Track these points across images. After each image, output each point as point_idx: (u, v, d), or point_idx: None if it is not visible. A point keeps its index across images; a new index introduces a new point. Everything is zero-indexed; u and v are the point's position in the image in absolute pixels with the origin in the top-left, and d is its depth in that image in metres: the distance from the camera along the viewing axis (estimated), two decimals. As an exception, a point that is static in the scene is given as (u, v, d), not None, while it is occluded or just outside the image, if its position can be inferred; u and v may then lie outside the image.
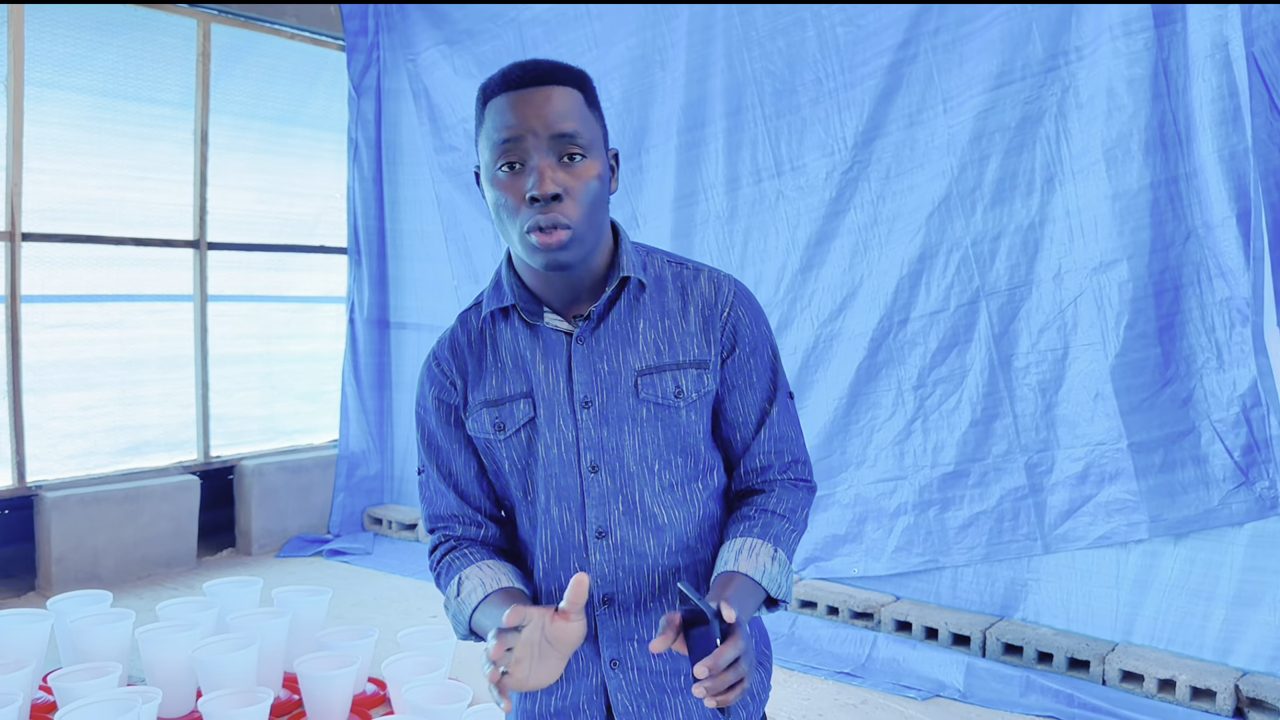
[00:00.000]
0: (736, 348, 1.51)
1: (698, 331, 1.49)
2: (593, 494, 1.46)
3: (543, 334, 1.49)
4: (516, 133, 1.36)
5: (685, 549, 1.49)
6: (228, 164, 6.05)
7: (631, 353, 1.47)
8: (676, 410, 1.47)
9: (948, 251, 4.33)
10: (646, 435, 1.46)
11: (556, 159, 1.37)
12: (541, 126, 1.36)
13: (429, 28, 6.00)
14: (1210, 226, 3.73)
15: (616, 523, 1.46)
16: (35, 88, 5.17)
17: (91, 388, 5.63)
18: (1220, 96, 3.63)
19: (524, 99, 1.38)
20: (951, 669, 4.11)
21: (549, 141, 1.36)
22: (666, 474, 1.47)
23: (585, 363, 1.47)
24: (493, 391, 1.51)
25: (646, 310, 1.49)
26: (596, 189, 1.40)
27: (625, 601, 1.47)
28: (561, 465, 1.47)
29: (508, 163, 1.38)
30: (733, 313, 1.51)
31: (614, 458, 1.46)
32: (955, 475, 4.39)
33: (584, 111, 1.41)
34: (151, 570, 5.53)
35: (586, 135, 1.40)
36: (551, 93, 1.39)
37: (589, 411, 1.46)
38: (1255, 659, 3.78)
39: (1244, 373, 3.71)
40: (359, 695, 3.79)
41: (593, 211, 1.40)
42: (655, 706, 1.49)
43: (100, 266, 5.57)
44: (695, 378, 1.48)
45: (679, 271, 1.54)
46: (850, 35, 4.46)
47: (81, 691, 3.30)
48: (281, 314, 6.55)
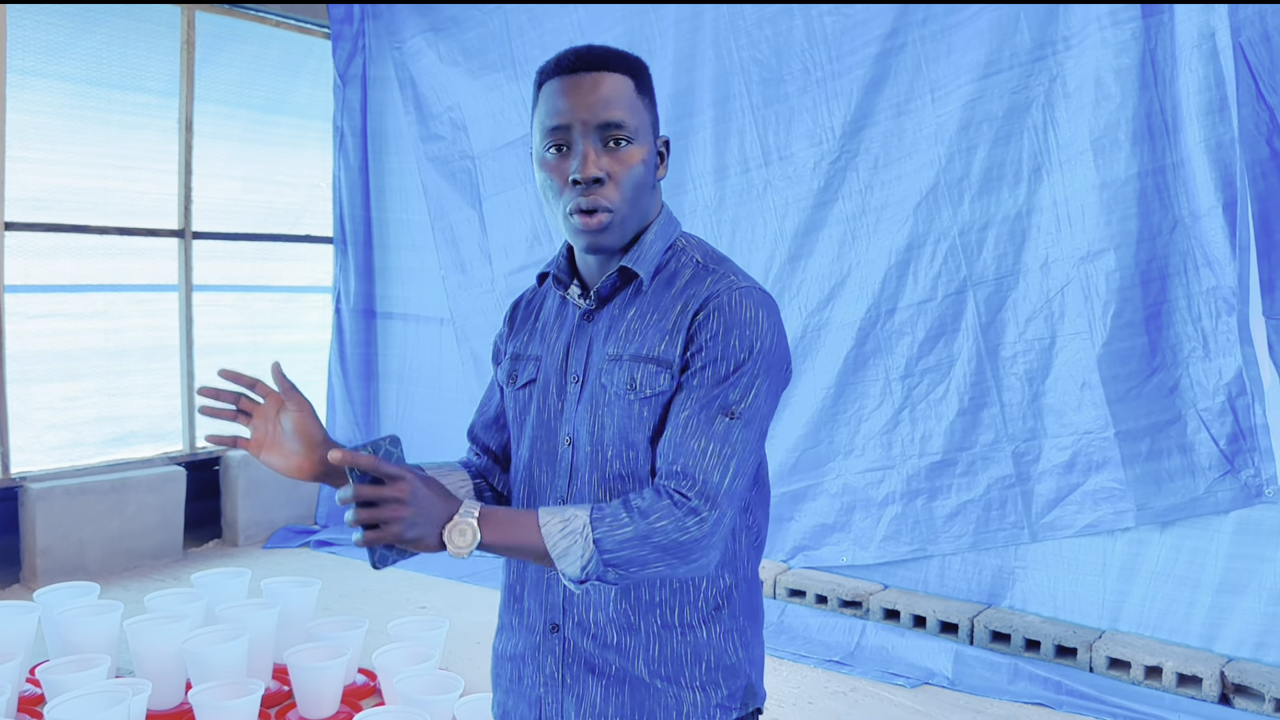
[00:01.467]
0: (690, 348, 1.42)
1: (673, 328, 1.44)
2: (563, 465, 1.51)
3: (567, 305, 1.57)
4: (564, 119, 1.41)
5: None
6: (213, 152, 6.00)
7: (612, 339, 1.49)
8: (630, 403, 1.45)
9: (935, 241, 4.34)
10: (606, 420, 1.47)
11: (602, 144, 1.41)
12: (588, 113, 1.40)
13: (414, 15, 5.97)
14: (1197, 216, 3.75)
15: (574, 497, 1.49)
16: (17, 75, 5.11)
17: (76, 378, 5.59)
18: (1207, 87, 3.64)
19: (574, 84, 1.42)
20: (940, 657, 4.13)
21: (595, 128, 1.41)
22: (616, 463, 1.47)
23: (581, 340, 1.52)
24: (521, 346, 1.61)
25: (645, 301, 1.50)
26: (639, 174, 1.44)
27: None
28: (547, 431, 1.53)
29: (555, 145, 1.43)
30: (703, 316, 1.42)
31: (586, 436, 1.48)
32: (943, 464, 4.41)
33: (633, 99, 1.44)
34: (137, 562, 5.50)
35: (633, 122, 1.43)
36: (601, 79, 1.42)
37: (575, 388, 1.51)
38: (1241, 645, 3.82)
39: (1230, 361, 3.74)
40: (349, 686, 3.78)
41: (635, 196, 1.44)
42: (577, 681, 1.50)
43: (85, 256, 5.52)
44: (652, 374, 1.44)
45: (699, 271, 1.49)
46: (838, 24, 4.46)
47: (70, 684, 3.27)
48: (267, 304, 6.52)
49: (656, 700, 1.48)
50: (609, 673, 1.48)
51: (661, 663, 1.47)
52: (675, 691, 1.48)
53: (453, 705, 3.31)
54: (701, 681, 1.48)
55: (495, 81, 5.62)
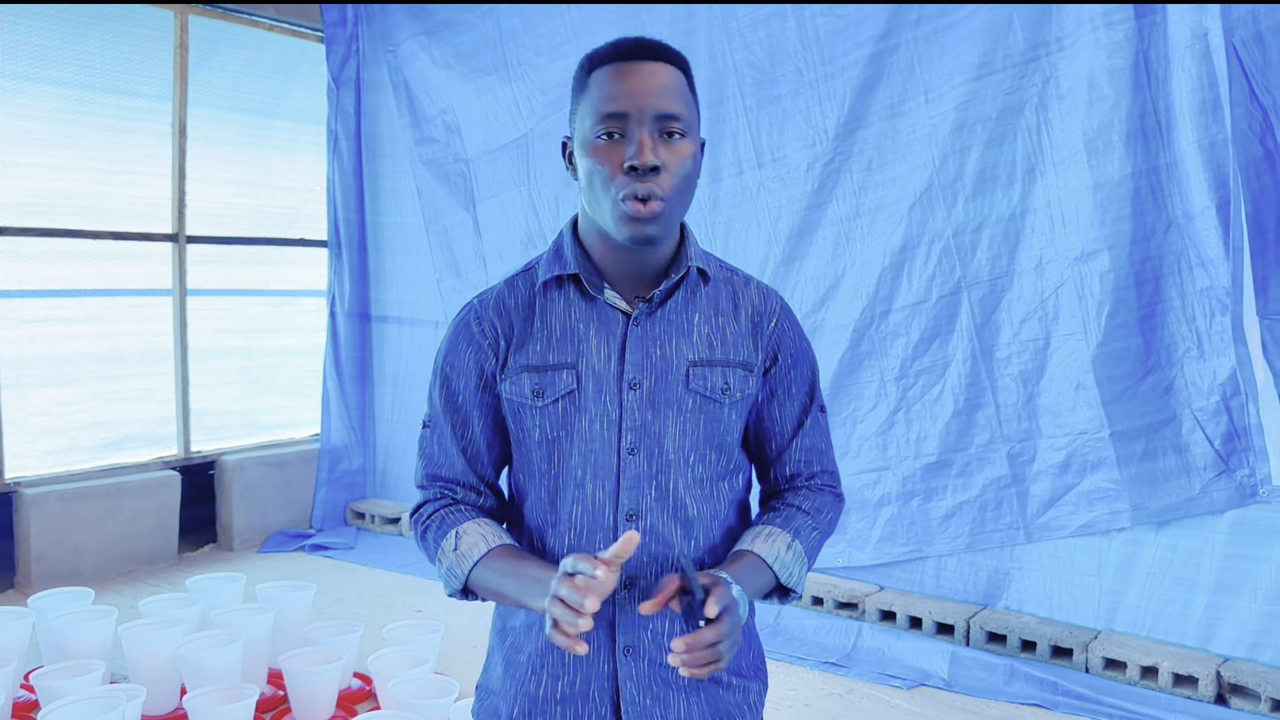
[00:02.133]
0: (779, 358, 1.55)
1: (747, 334, 1.53)
2: (628, 475, 1.46)
3: (600, 309, 1.50)
4: (623, 106, 1.38)
5: (711, 548, 1.51)
6: (207, 156, 5.99)
7: (685, 343, 1.49)
8: (721, 405, 1.49)
9: (929, 242, 4.34)
10: (688, 425, 1.47)
11: (658, 135, 1.39)
12: (648, 101, 1.38)
13: (407, 19, 5.96)
14: (1191, 216, 3.75)
15: (649, 507, 1.46)
16: (11, 80, 5.10)
17: (70, 383, 5.58)
18: (1200, 87, 3.65)
19: (633, 71, 1.39)
20: (936, 658, 4.13)
21: (653, 118, 1.38)
22: (700, 467, 1.49)
23: (639, 345, 1.48)
24: (536, 357, 1.49)
25: (702, 305, 1.52)
26: (691, 169, 1.42)
27: (647, 589, 1.45)
28: (601, 442, 1.47)
29: (608, 131, 1.39)
30: (780, 324, 1.56)
31: (654, 442, 1.47)
32: (938, 465, 4.41)
33: (686, 93, 1.43)
34: (132, 567, 5.49)
35: (688, 116, 1.42)
36: (659, 69, 1.40)
37: (635, 394, 1.47)
38: (1236, 645, 3.82)
39: (1224, 362, 3.74)
40: (345, 691, 3.78)
41: (685, 190, 1.43)
42: (660, 700, 1.48)
43: (79, 261, 5.51)
44: (742, 378, 1.51)
45: (730, 277, 1.57)
46: (830, 26, 4.46)
47: (64, 690, 3.27)
48: (262, 308, 6.51)
49: (732, 698, 1.54)
50: (687, 683, 1.49)
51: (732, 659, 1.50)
52: (744, 684, 1.55)
53: (448, 710, 3.30)
54: (754, 669, 1.58)
55: (488, 85, 5.62)
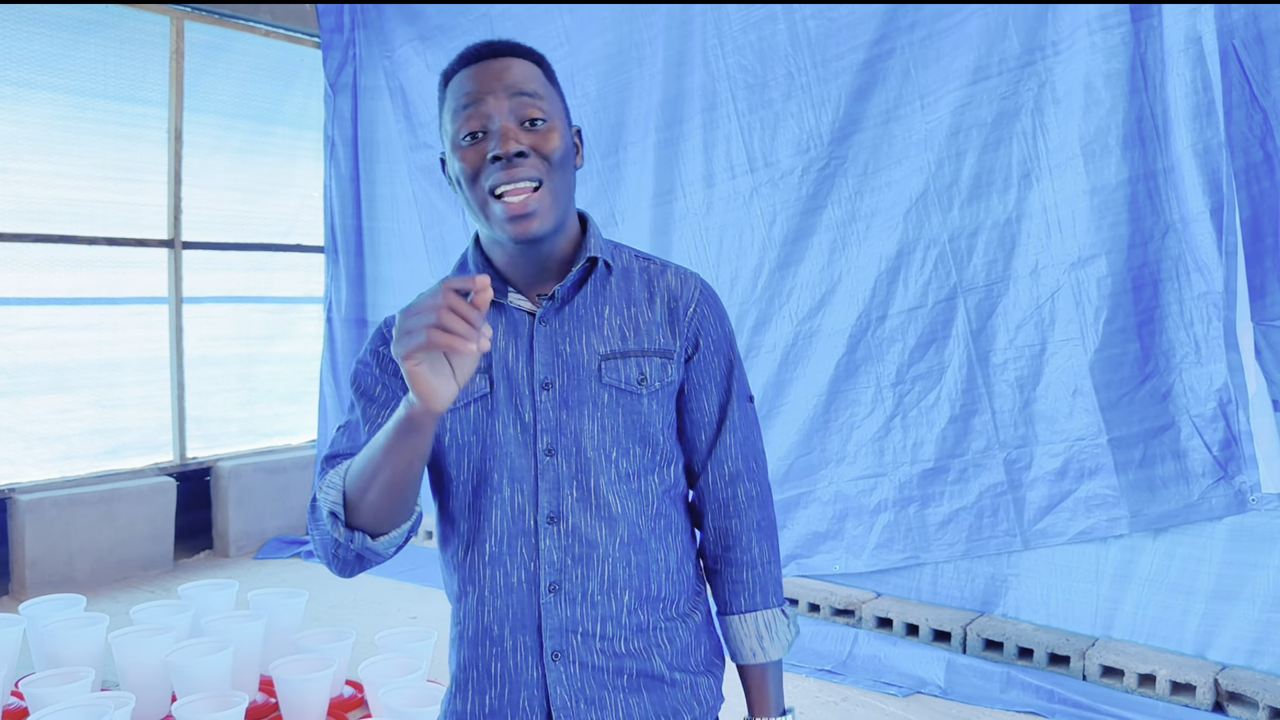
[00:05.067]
0: (700, 344, 1.51)
1: (663, 322, 1.48)
2: (547, 477, 1.42)
3: (507, 312, 1.46)
4: (477, 95, 1.36)
5: (638, 543, 1.46)
6: (207, 163, 6.00)
7: (595, 336, 1.45)
8: (639, 397, 1.45)
9: (925, 248, 4.32)
10: (606, 421, 1.44)
11: (518, 124, 1.36)
12: (502, 88, 1.36)
13: (403, 24, 5.96)
14: (1188, 221, 3.73)
15: (570, 508, 1.42)
16: (12, 87, 5.11)
17: (69, 390, 5.57)
18: (1194, 91, 3.62)
19: (483, 68, 1.39)
20: (932, 665, 4.10)
21: (510, 103, 1.36)
22: (624, 462, 1.45)
23: (548, 343, 1.44)
24: None
25: (612, 296, 1.48)
26: (562, 150, 1.39)
27: (572, 591, 1.42)
28: (517, 445, 1.43)
29: (470, 132, 1.36)
30: (698, 309, 1.51)
31: (571, 442, 1.43)
32: (935, 472, 4.38)
33: (544, 81, 1.42)
34: (128, 573, 5.48)
35: (548, 100, 1.40)
36: (510, 62, 1.39)
37: (548, 393, 1.43)
38: (1234, 653, 3.79)
39: (1221, 367, 3.71)
40: (336, 698, 3.76)
41: (561, 170, 1.39)
42: (595, 704, 1.44)
43: (81, 269, 5.51)
44: (659, 366, 1.47)
45: (645, 265, 1.54)
46: (822, 29, 4.44)
47: (54, 697, 3.26)
48: (263, 315, 6.50)
49: (678, 695, 1.50)
50: (624, 682, 1.46)
51: (674, 654, 1.49)
52: (691, 680, 1.52)
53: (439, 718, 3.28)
54: (706, 665, 1.55)
55: (481, 90, 5.61)
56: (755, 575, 1.54)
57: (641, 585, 1.46)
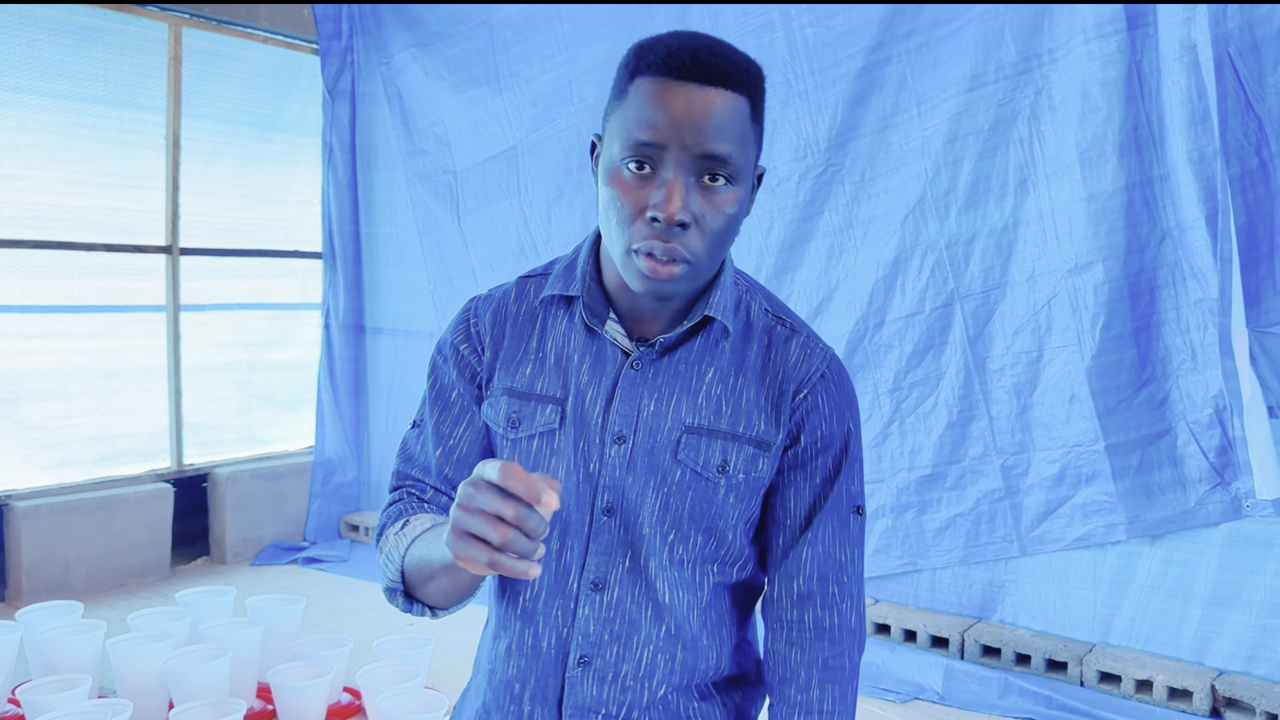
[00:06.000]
0: (803, 436, 1.28)
1: (768, 404, 1.27)
2: (600, 539, 1.26)
3: (600, 343, 1.27)
4: (660, 138, 1.13)
5: (688, 641, 1.29)
6: (208, 170, 6.00)
7: (687, 402, 1.25)
8: (715, 485, 1.25)
9: (922, 254, 4.33)
10: (672, 500, 1.25)
11: (696, 178, 1.14)
12: (692, 139, 1.12)
13: (401, 31, 5.97)
14: (1184, 228, 3.74)
15: (618, 579, 1.26)
16: (13, 94, 5.11)
17: (67, 397, 5.56)
18: (1189, 99, 3.64)
19: (682, 95, 1.13)
20: (930, 671, 4.10)
21: (694, 158, 1.13)
22: (680, 548, 1.26)
23: (632, 393, 1.25)
24: (523, 381, 1.29)
25: (721, 358, 1.27)
26: (730, 224, 1.18)
27: (604, 670, 1.27)
28: (575, 497, 1.26)
29: (637, 160, 1.14)
30: (811, 395, 1.27)
31: (631, 509, 1.25)
32: (932, 478, 4.39)
33: (746, 128, 1.17)
34: (124, 580, 5.47)
35: (739, 159, 1.15)
36: (715, 99, 1.13)
37: (620, 449, 1.25)
38: (1231, 659, 3.80)
39: (1218, 374, 3.72)
40: (334, 705, 3.75)
41: (719, 247, 1.18)
42: None
43: (82, 276, 5.50)
44: (749, 457, 1.25)
45: (773, 325, 1.31)
46: (820, 37, 4.45)
47: (51, 704, 3.25)
48: (261, 321, 6.50)
49: None
50: None
51: None
52: None
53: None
54: None
55: (479, 96, 5.62)
56: None
57: (681, 680, 1.30)
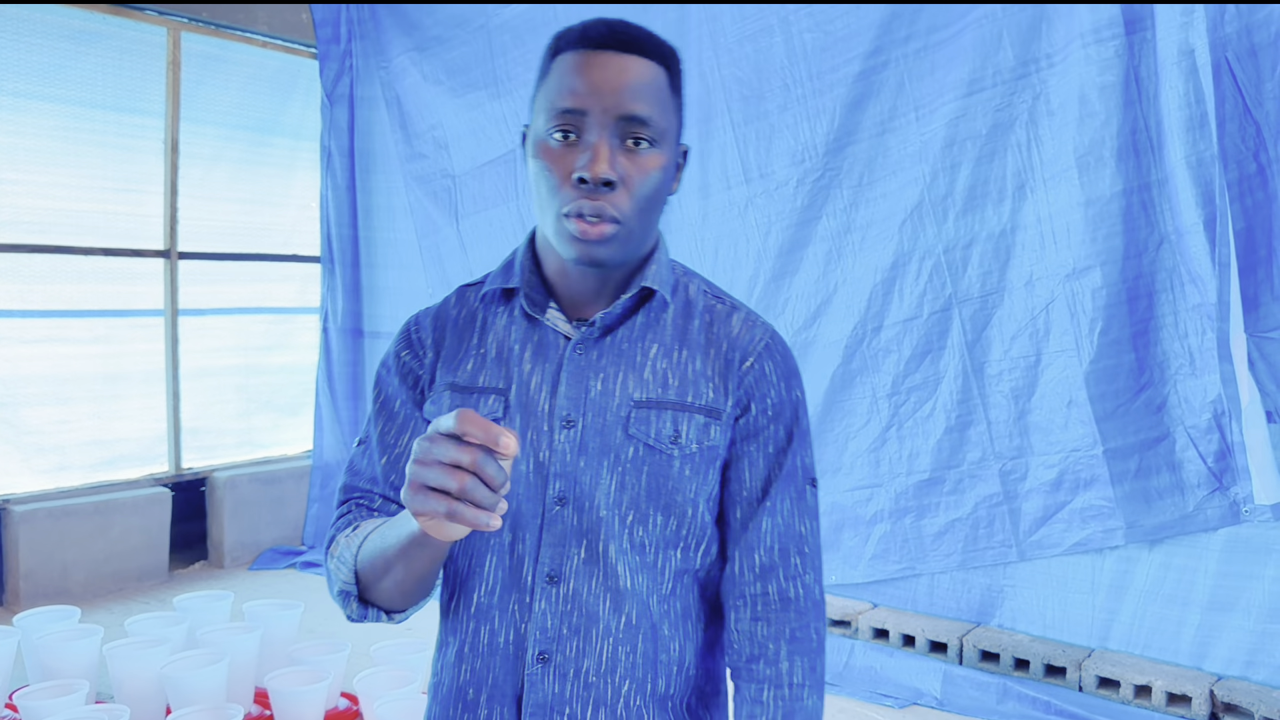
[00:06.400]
0: (752, 406, 1.28)
1: (715, 374, 1.27)
2: (554, 530, 1.24)
3: (541, 330, 1.28)
4: (581, 102, 1.17)
5: (649, 628, 1.26)
6: (207, 174, 6.00)
7: (633, 377, 1.25)
8: (669, 458, 1.24)
9: (920, 259, 4.33)
10: (627, 479, 1.23)
11: (620, 140, 1.18)
12: (612, 101, 1.16)
13: (400, 35, 5.97)
14: (1181, 233, 3.74)
15: (574, 570, 1.23)
16: (10, 98, 5.11)
17: (66, 402, 5.56)
18: (1187, 104, 3.64)
19: (599, 63, 1.18)
20: (928, 676, 4.10)
21: (615, 121, 1.17)
22: (640, 529, 1.24)
23: (577, 376, 1.25)
24: (464, 376, 1.29)
25: (664, 334, 1.28)
26: (657, 183, 1.21)
27: (564, 666, 1.24)
28: (526, 487, 1.24)
29: (562, 129, 1.18)
30: (757, 363, 1.28)
31: (585, 494, 1.23)
32: (930, 482, 4.38)
33: (665, 94, 1.22)
34: (122, 584, 5.46)
35: (661, 122, 1.20)
36: (632, 64, 1.18)
37: (569, 433, 1.24)
38: (1230, 664, 3.79)
39: (1215, 379, 3.72)
40: (331, 711, 3.74)
41: (648, 207, 1.21)
42: None
43: (82, 281, 5.51)
44: (700, 426, 1.25)
45: (712, 304, 1.33)
46: (818, 42, 4.45)
47: (48, 710, 3.25)
48: (259, 325, 6.50)
49: None
50: None
51: None
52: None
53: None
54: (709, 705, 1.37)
55: (477, 100, 5.62)
56: (779, 697, 1.26)
57: (646, 677, 1.26)
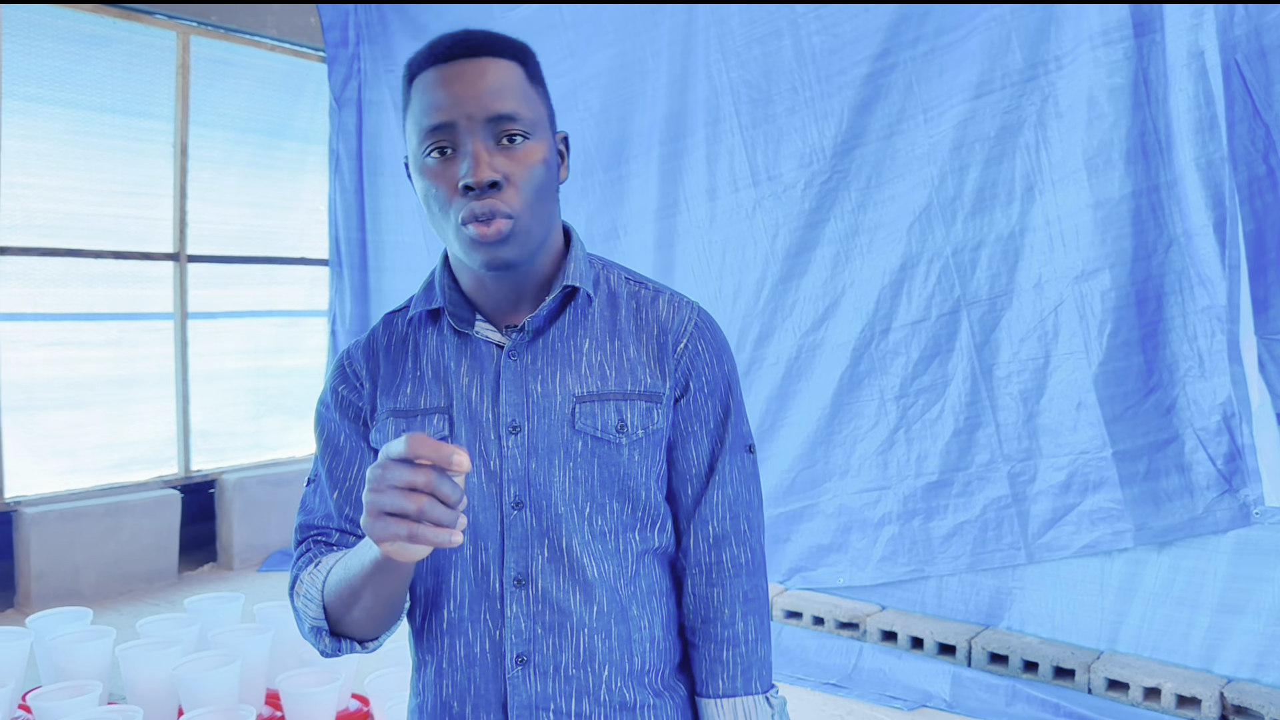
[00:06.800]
0: (690, 386, 1.33)
1: (650, 359, 1.31)
2: (514, 534, 1.26)
3: (472, 344, 1.31)
4: (446, 116, 1.20)
5: (619, 611, 1.29)
6: (217, 178, 6.02)
7: (571, 375, 1.29)
8: (617, 447, 1.28)
9: (929, 261, 4.33)
10: (579, 472, 1.27)
11: (494, 142, 1.20)
12: (476, 107, 1.19)
13: (407, 39, 5.99)
14: (1191, 235, 3.74)
15: (540, 570, 1.26)
16: (20, 102, 5.13)
17: (80, 405, 5.58)
18: (1197, 105, 3.64)
19: (454, 74, 1.21)
20: (937, 679, 4.10)
21: (484, 124, 1.20)
22: (599, 519, 1.28)
23: (516, 381, 1.28)
24: (405, 401, 1.31)
25: (593, 328, 1.32)
26: (541, 175, 1.23)
27: (543, 664, 1.27)
28: (480, 497, 1.27)
29: (437, 148, 1.21)
30: (690, 344, 1.33)
31: (541, 494, 1.26)
32: (939, 485, 4.39)
33: (525, 87, 1.24)
34: (132, 586, 5.48)
35: (529, 114, 1.23)
36: (486, 66, 1.21)
37: (516, 438, 1.27)
38: (1240, 666, 3.79)
39: (1225, 381, 3.72)
40: (342, 712, 3.76)
41: (538, 200, 1.23)
42: None
43: (94, 284, 5.53)
44: (643, 411, 1.29)
45: (636, 291, 1.36)
46: (826, 45, 4.46)
47: (61, 711, 3.27)
48: (269, 328, 6.52)
49: None
50: None
51: None
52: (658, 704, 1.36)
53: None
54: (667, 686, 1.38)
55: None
56: (737, 654, 1.33)
57: (623, 659, 1.30)
